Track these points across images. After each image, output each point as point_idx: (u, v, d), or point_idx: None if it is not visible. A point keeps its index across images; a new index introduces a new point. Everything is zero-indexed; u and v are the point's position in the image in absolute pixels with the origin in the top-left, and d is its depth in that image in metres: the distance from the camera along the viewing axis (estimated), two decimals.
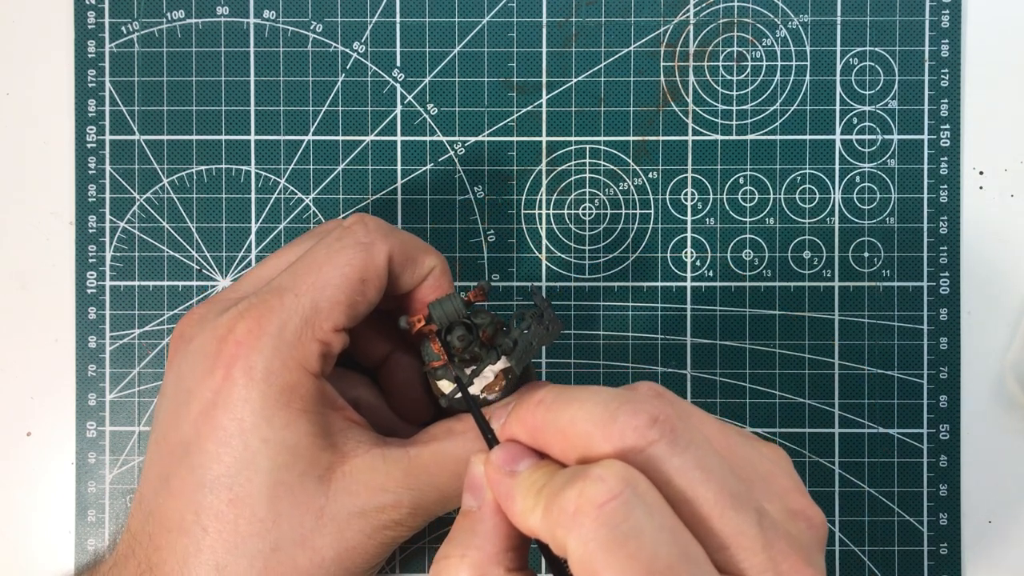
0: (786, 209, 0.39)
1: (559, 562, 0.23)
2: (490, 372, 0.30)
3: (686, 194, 0.39)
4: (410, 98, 0.39)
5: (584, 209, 0.39)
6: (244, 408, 0.29)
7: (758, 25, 0.39)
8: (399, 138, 0.39)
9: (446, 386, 0.31)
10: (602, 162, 0.39)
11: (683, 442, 0.23)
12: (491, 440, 0.28)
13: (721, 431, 0.26)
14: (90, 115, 0.39)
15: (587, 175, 0.39)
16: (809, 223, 0.39)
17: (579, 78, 0.39)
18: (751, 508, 0.23)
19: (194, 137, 0.39)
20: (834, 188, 0.39)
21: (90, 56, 0.39)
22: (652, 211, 0.39)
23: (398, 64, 0.39)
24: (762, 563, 0.23)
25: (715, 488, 0.23)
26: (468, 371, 0.30)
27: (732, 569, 0.23)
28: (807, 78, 0.39)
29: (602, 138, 0.39)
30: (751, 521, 0.23)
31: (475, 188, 0.39)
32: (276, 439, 0.29)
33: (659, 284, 0.39)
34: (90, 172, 0.39)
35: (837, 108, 0.39)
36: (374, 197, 0.39)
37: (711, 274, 0.39)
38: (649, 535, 0.22)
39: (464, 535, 0.26)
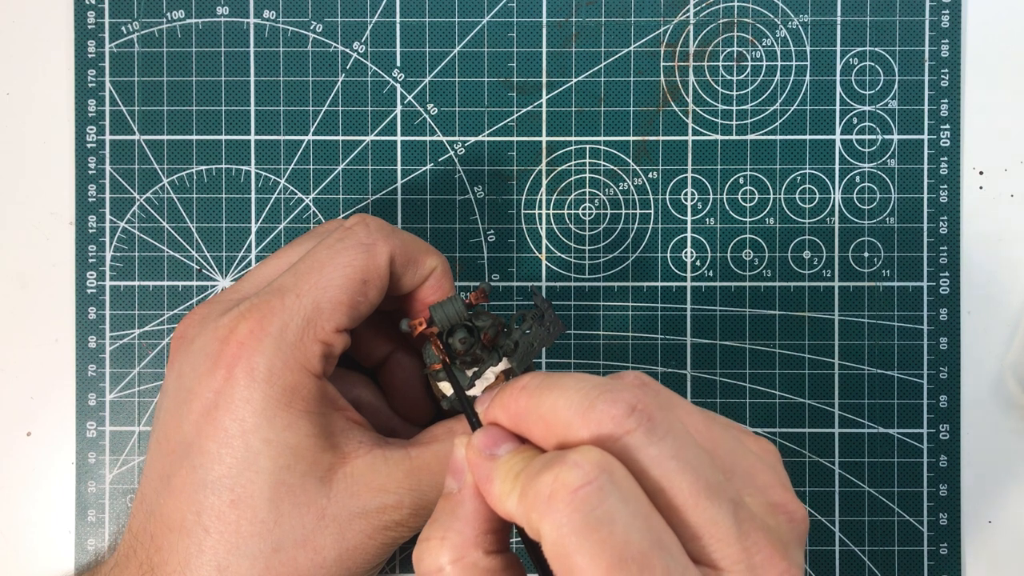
0: (786, 209, 0.39)
1: (535, 545, 0.23)
2: (491, 373, 0.30)
3: (686, 194, 0.39)
4: (410, 98, 0.39)
5: (584, 209, 0.39)
6: (246, 409, 0.29)
7: (758, 25, 0.39)
8: (399, 138, 0.39)
9: (447, 387, 0.31)
10: (602, 162, 0.39)
11: (660, 431, 0.23)
12: (475, 424, 0.28)
13: (705, 423, 0.26)
14: (90, 115, 0.39)
15: (587, 175, 0.39)
16: (809, 223, 0.39)
17: (579, 78, 0.39)
18: (726, 499, 0.23)
19: (194, 137, 0.39)
20: (834, 188, 0.39)
21: (90, 56, 0.39)
22: (652, 211, 0.39)
23: (398, 64, 0.39)
24: (735, 554, 0.23)
25: (690, 478, 0.23)
26: (469, 373, 0.30)
27: (705, 559, 0.23)
28: (807, 78, 0.39)
29: (602, 138, 0.39)
30: (725, 512, 0.23)
31: (475, 188, 0.39)
32: (278, 440, 0.29)
33: (659, 284, 0.39)
34: (90, 172, 0.39)
35: (837, 108, 0.39)
36: (374, 197, 0.39)
37: (711, 274, 0.39)
38: (622, 521, 0.22)
39: (445, 517, 0.26)
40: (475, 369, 0.30)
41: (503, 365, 0.30)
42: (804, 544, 0.26)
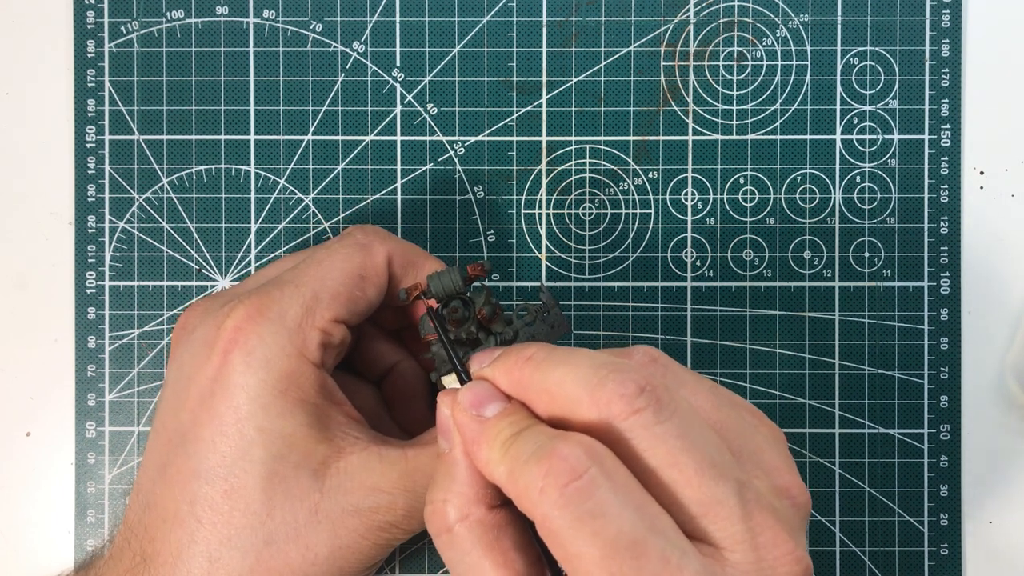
0: (786, 209, 0.39)
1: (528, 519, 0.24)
2: None
3: (686, 194, 0.39)
4: (410, 98, 0.39)
5: (584, 209, 0.39)
6: (241, 395, 0.29)
7: (758, 25, 0.39)
8: (399, 138, 0.39)
9: (448, 380, 0.31)
10: (602, 162, 0.39)
11: (667, 411, 0.24)
12: (464, 381, 0.28)
13: (715, 403, 0.26)
14: (89, 115, 0.39)
15: (587, 175, 0.39)
16: (809, 223, 0.39)
17: (579, 78, 0.39)
18: (731, 479, 0.23)
19: (193, 137, 0.39)
20: (834, 188, 0.39)
21: (89, 56, 0.39)
22: (652, 211, 0.39)
23: (398, 64, 0.39)
24: (739, 533, 0.23)
25: (696, 457, 0.23)
26: (463, 353, 0.30)
27: (709, 539, 0.23)
28: (807, 78, 0.39)
29: (602, 138, 0.39)
30: (730, 491, 0.23)
31: (475, 188, 0.39)
32: (272, 428, 0.29)
33: (659, 284, 0.39)
34: (89, 172, 0.39)
35: (837, 108, 0.39)
36: (374, 197, 0.39)
37: (711, 274, 0.39)
38: (614, 511, 0.22)
39: (444, 479, 0.26)
40: (470, 352, 0.30)
41: None
42: (807, 527, 0.26)
